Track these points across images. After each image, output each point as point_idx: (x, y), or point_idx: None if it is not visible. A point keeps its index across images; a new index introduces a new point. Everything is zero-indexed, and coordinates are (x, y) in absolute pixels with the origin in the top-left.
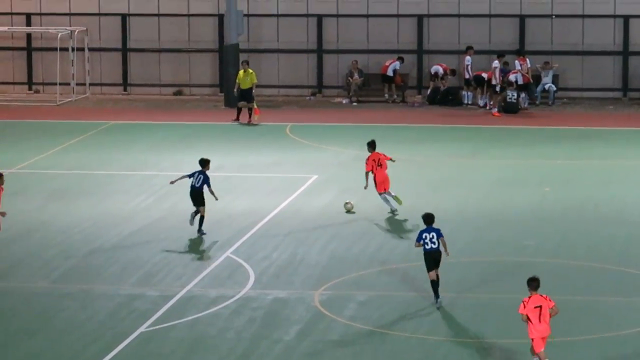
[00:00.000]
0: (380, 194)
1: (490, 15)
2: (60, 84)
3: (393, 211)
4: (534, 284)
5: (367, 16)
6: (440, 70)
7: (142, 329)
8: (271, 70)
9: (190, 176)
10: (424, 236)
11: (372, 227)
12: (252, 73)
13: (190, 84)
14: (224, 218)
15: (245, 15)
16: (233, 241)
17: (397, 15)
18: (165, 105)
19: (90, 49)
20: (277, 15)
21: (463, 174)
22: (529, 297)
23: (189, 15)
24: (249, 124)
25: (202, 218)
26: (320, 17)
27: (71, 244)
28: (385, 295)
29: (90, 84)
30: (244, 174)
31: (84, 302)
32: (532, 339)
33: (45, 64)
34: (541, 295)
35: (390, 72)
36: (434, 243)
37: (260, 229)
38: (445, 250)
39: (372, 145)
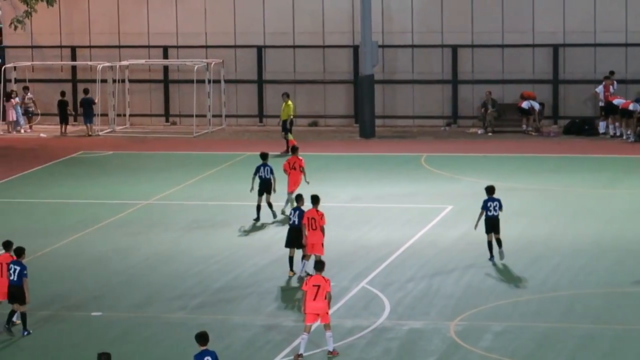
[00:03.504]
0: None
1: (626, 45)
2: (196, 115)
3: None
4: (319, 265)
5: (502, 46)
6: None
7: (277, 359)
8: (406, 100)
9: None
10: (488, 204)
11: (506, 258)
12: (289, 105)
13: (325, 115)
14: (360, 249)
15: (380, 46)
16: (368, 272)
17: (533, 45)
18: (300, 136)
19: (227, 81)
20: (412, 46)
21: (599, 204)
22: (311, 276)
23: (324, 47)
24: (282, 154)
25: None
26: (455, 48)
27: (208, 274)
28: (522, 326)
29: (226, 116)
30: (380, 204)
31: (221, 332)
32: (306, 313)
33: (182, 96)
34: (323, 277)
35: (525, 106)
36: (495, 210)
37: (395, 259)
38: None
39: None
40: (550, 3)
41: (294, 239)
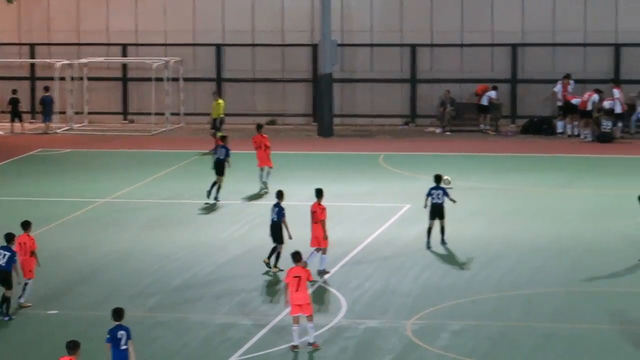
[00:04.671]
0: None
1: (585, 45)
2: (154, 114)
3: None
4: (296, 257)
5: (461, 45)
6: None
7: (234, 357)
8: (364, 99)
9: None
10: (432, 192)
11: (464, 256)
12: (219, 104)
13: (284, 114)
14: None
15: (339, 45)
16: (326, 270)
17: (492, 45)
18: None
19: (185, 79)
20: (371, 45)
21: (557, 204)
22: (291, 268)
23: (283, 45)
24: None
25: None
26: (413, 47)
27: (166, 272)
28: (479, 325)
29: (185, 114)
30: (338, 203)
31: (178, 331)
32: (291, 305)
33: (140, 94)
34: (303, 268)
35: (484, 101)
36: (439, 198)
37: (353, 258)
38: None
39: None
40: (509, 3)
41: (274, 235)
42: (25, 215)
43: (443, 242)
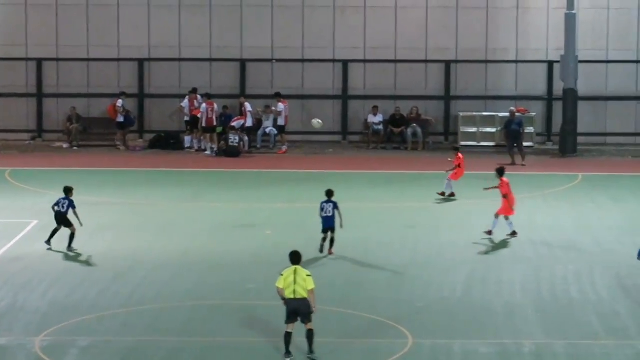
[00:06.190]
0: None
1: (211, 59)
2: None
3: None
4: None
5: (88, 60)
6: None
7: None
8: None
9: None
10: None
11: (92, 273)
12: None
13: None
14: None
15: None
16: None
17: (118, 60)
18: None
19: None
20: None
21: (185, 218)
22: None
23: None
24: None
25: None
26: (40, 61)
27: None
28: (108, 340)
29: None
30: None
31: None
32: None
33: None
34: None
35: (120, 119)
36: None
37: None
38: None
39: None
40: (135, 18)
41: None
42: None
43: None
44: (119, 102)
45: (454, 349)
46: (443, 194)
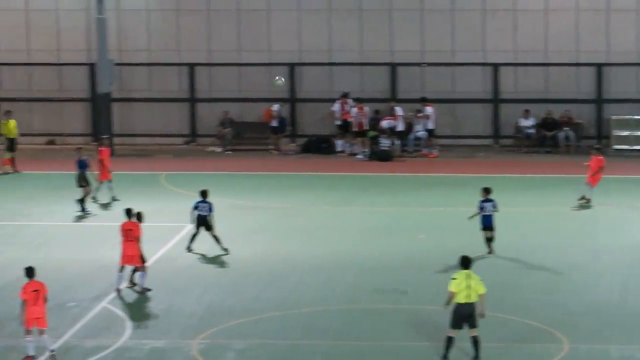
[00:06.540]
0: None
1: (361, 64)
2: None
3: None
4: (28, 272)
5: (239, 65)
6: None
7: None
8: (144, 118)
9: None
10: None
11: (247, 276)
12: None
13: (62, 133)
14: (99, 268)
15: (116, 64)
16: (110, 291)
17: (269, 64)
18: (37, 155)
19: None
20: (149, 65)
21: (336, 222)
22: (27, 284)
23: (60, 65)
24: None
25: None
26: (192, 66)
27: None
28: (263, 343)
29: None
30: (118, 223)
31: None
32: (27, 319)
33: None
34: (37, 282)
35: (274, 123)
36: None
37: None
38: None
39: None
40: (286, 23)
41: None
42: None
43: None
44: (275, 107)
45: (611, 354)
46: (584, 198)
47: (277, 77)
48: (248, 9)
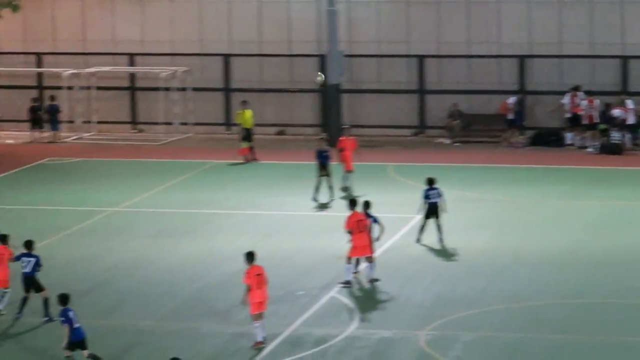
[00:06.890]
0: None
1: (592, 56)
2: (163, 123)
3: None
4: (250, 257)
5: (468, 57)
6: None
7: None
8: (372, 110)
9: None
10: (429, 194)
11: (474, 268)
12: (246, 113)
13: (292, 124)
14: (329, 258)
15: (346, 55)
16: (337, 280)
17: (498, 56)
18: (267, 145)
19: (193, 89)
20: (378, 56)
21: (564, 215)
22: (250, 268)
23: (291, 56)
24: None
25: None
26: (421, 58)
27: (176, 282)
28: (492, 336)
29: (193, 124)
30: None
31: (190, 340)
32: (252, 303)
33: (149, 103)
34: (258, 266)
35: (510, 116)
36: (435, 198)
37: (365, 268)
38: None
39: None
40: (516, 15)
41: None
42: (34, 224)
43: (440, 240)
44: (511, 100)
45: None
46: None
47: (318, 73)
48: (478, 0)
